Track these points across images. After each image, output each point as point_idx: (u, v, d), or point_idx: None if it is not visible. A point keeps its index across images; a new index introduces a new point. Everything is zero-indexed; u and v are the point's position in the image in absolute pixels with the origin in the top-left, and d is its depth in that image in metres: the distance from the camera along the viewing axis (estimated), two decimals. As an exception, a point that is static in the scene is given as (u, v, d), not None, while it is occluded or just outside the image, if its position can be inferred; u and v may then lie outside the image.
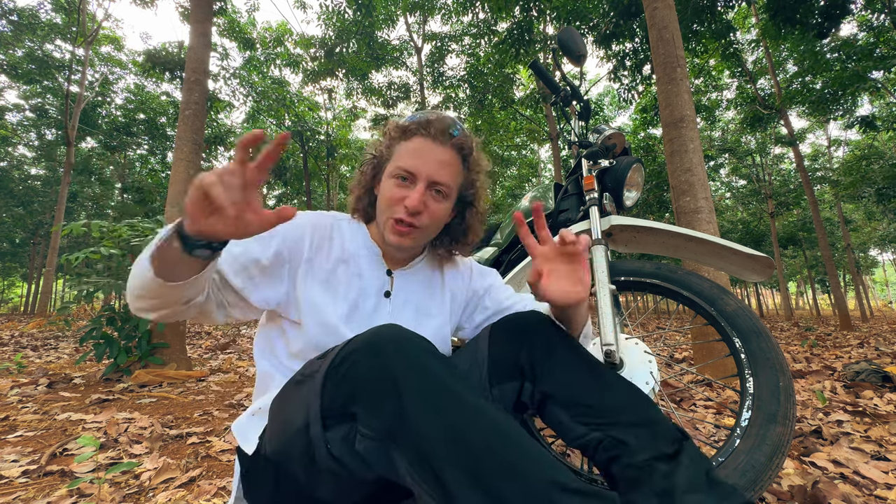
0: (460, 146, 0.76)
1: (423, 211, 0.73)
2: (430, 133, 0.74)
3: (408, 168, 0.73)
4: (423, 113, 0.78)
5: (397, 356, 0.53)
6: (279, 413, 0.65)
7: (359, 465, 0.54)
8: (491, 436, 0.47)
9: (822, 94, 8.15)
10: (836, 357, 3.43)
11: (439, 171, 0.73)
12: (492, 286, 0.90)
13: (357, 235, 0.82)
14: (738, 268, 1.15)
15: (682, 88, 2.61)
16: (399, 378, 0.51)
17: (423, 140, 0.74)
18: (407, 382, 0.51)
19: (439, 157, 0.74)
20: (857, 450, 1.27)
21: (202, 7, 3.50)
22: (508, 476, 0.45)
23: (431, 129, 0.74)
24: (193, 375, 2.71)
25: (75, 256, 2.53)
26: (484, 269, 0.94)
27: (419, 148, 0.74)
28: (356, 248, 0.80)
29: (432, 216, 0.74)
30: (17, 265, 24.93)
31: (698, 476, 0.55)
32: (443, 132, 0.74)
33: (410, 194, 0.72)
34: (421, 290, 0.83)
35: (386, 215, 0.74)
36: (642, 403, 0.63)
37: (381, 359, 0.53)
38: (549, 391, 0.65)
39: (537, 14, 7.06)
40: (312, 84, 13.34)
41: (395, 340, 0.55)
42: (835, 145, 19.55)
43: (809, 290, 34.90)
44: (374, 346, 0.54)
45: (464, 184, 0.80)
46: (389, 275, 0.81)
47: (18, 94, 14.91)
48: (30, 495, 1.05)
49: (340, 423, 0.55)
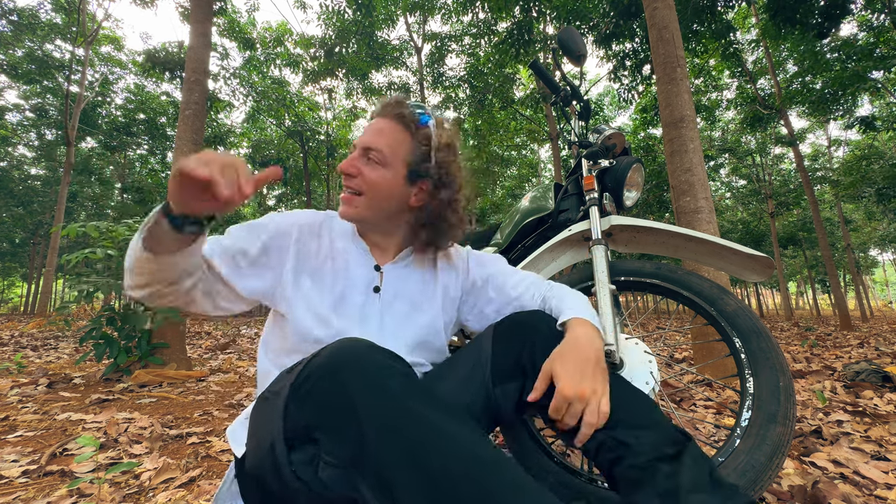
0: (400, 115, 0.77)
1: (357, 175, 0.76)
2: (376, 112, 0.80)
3: (354, 143, 0.79)
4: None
5: (355, 376, 0.52)
6: (253, 427, 0.65)
7: (325, 489, 0.53)
8: (449, 458, 0.46)
9: (822, 94, 8.15)
10: (836, 357, 3.43)
11: (371, 138, 0.76)
12: (493, 275, 0.88)
13: (346, 231, 0.83)
14: (738, 268, 1.15)
15: (682, 88, 2.61)
16: (357, 400, 0.50)
17: (372, 120, 0.80)
18: (365, 404, 0.49)
19: (374, 127, 0.77)
20: (857, 450, 1.27)
21: (202, 7, 3.50)
22: (469, 500, 0.43)
23: (378, 106, 0.80)
24: (193, 375, 2.71)
25: (74, 257, 2.53)
26: (484, 258, 0.92)
27: (366, 127, 0.80)
28: (344, 243, 0.81)
29: (368, 182, 0.75)
30: (17, 265, 24.93)
31: (701, 476, 0.55)
32: (385, 106, 0.79)
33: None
34: (411, 285, 0.83)
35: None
36: (644, 405, 0.63)
37: (340, 380, 0.52)
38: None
39: (537, 15, 7.06)
40: (312, 84, 13.34)
41: (354, 359, 0.54)
42: (835, 145, 19.56)
43: (809, 290, 34.91)
44: (333, 366, 0.53)
45: (415, 155, 0.77)
46: (378, 270, 0.81)
47: (18, 94, 14.92)
48: (30, 495, 1.05)
49: (304, 444, 0.54)
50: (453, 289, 0.87)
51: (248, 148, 16.03)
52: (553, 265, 1.37)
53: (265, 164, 15.23)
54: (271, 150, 15.16)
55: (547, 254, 1.35)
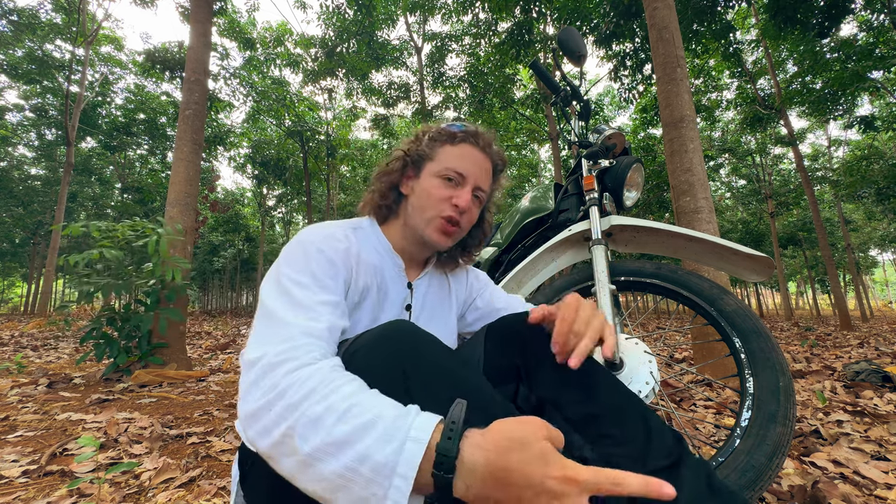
0: (498, 159, 0.83)
1: (467, 212, 0.77)
2: (477, 143, 0.79)
3: (459, 170, 0.76)
4: (464, 124, 0.82)
5: (406, 345, 0.55)
6: None
7: None
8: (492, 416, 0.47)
9: (821, 94, 8.15)
10: (836, 357, 3.43)
11: (483, 178, 0.79)
12: (484, 287, 0.94)
13: (378, 247, 0.79)
14: (738, 268, 1.15)
15: (682, 88, 2.61)
16: (407, 367, 0.52)
17: (472, 148, 0.78)
18: (414, 370, 0.52)
19: (483, 165, 0.79)
20: (857, 450, 1.27)
21: (202, 7, 3.50)
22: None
23: (480, 140, 0.79)
24: (193, 375, 2.71)
25: (79, 257, 2.53)
26: (477, 271, 0.98)
27: (467, 154, 0.78)
28: (380, 261, 0.77)
29: (471, 219, 0.80)
30: (17, 265, 24.92)
31: (699, 486, 0.54)
32: (489, 144, 0.80)
33: (460, 194, 0.75)
34: (434, 298, 0.84)
35: (433, 212, 0.75)
36: (637, 413, 0.61)
37: (392, 349, 0.54)
38: (543, 396, 0.65)
39: (537, 15, 7.06)
40: (312, 84, 13.34)
41: (406, 332, 0.57)
42: (835, 145, 19.55)
43: (809, 290, 34.88)
44: (385, 338, 0.56)
45: (490, 195, 0.86)
46: (409, 287, 0.81)
47: (18, 94, 14.91)
48: (30, 495, 1.05)
49: None
50: (461, 297, 0.91)
51: (249, 148, 16.02)
52: (553, 265, 1.38)
53: (265, 165, 15.24)
54: (271, 150, 15.15)
55: (547, 254, 1.35)
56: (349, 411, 0.44)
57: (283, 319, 0.56)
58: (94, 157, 17.29)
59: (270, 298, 0.60)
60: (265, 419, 0.47)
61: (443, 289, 0.87)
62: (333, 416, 0.44)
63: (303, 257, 0.65)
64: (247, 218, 24.90)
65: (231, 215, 22.30)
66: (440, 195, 0.75)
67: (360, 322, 0.71)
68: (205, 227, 21.30)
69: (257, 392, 0.49)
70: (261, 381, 0.50)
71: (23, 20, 11.12)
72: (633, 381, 0.96)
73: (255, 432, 0.48)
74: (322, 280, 0.64)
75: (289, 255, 0.66)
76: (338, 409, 0.45)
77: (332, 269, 0.66)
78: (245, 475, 0.69)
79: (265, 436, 0.47)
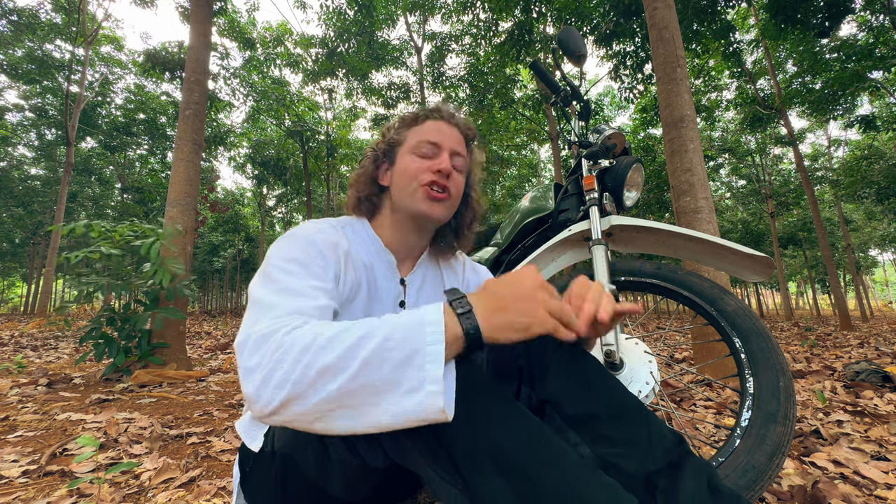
0: (466, 128, 0.82)
1: (451, 176, 0.76)
2: (441, 116, 0.80)
3: (431, 139, 0.76)
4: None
5: None
6: None
7: (371, 453, 0.55)
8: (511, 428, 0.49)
9: (821, 94, 8.15)
10: (836, 357, 3.43)
11: (456, 145, 0.78)
12: (482, 280, 0.92)
13: (368, 243, 0.78)
14: (738, 268, 1.15)
15: (682, 88, 2.61)
16: None
17: (437, 122, 0.79)
18: None
19: (454, 135, 0.79)
20: (857, 450, 1.27)
21: (202, 7, 3.50)
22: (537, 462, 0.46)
23: (442, 112, 0.80)
24: (193, 375, 2.71)
25: (74, 255, 2.53)
26: (476, 265, 0.96)
27: (436, 127, 0.78)
28: (370, 258, 0.76)
29: (457, 187, 0.78)
30: (17, 265, 24.92)
31: (700, 489, 0.54)
32: (452, 116, 0.81)
33: (439, 158, 0.75)
34: (427, 291, 0.84)
35: (414, 185, 0.74)
36: (638, 414, 0.61)
37: None
38: (545, 397, 0.65)
39: (537, 16, 7.06)
40: (312, 84, 13.34)
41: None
42: (835, 145, 19.55)
43: (809, 290, 34.89)
44: None
45: (470, 168, 0.85)
46: (402, 283, 0.80)
47: (18, 94, 14.90)
48: (30, 495, 1.05)
49: None
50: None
51: (249, 148, 16.02)
52: (553, 265, 1.38)
53: (265, 164, 15.24)
54: (271, 150, 15.15)
55: (547, 254, 1.35)
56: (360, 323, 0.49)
57: (272, 302, 0.55)
58: (94, 157, 17.29)
59: (257, 287, 0.60)
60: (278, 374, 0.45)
61: (436, 282, 0.86)
62: (348, 329, 0.48)
63: (290, 248, 0.64)
64: (247, 218, 24.89)
65: (231, 215, 22.30)
66: (419, 167, 0.75)
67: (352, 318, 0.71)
68: (205, 227, 21.29)
69: (260, 359, 0.48)
70: (260, 348, 0.48)
71: (23, 20, 11.11)
72: (634, 381, 0.96)
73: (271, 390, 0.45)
74: (311, 268, 0.62)
75: (277, 247, 0.65)
76: (348, 325, 0.49)
77: (322, 259, 0.65)
78: (246, 476, 0.69)
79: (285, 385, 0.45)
